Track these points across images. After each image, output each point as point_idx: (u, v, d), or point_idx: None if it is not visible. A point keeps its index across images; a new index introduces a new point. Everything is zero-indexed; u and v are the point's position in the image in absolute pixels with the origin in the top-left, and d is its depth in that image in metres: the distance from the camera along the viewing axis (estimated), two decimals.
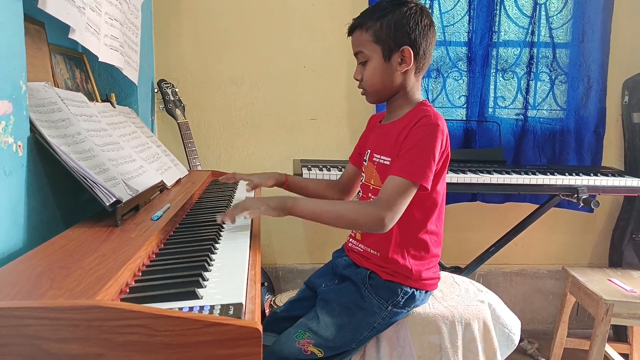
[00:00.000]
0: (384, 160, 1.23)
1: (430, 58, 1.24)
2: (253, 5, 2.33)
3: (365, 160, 1.32)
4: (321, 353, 1.19)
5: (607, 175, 2.10)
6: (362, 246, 1.27)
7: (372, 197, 1.26)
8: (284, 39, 2.36)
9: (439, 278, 1.30)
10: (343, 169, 1.64)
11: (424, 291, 1.24)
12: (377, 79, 1.21)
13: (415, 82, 1.23)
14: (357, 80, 1.25)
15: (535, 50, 2.41)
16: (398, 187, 1.10)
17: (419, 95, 1.25)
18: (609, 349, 2.06)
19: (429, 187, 1.13)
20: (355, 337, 1.20)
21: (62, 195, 1.09)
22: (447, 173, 1.98)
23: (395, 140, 1.19)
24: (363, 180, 1.32)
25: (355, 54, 1.24)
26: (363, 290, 1.22)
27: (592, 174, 2.10)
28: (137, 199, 1.13)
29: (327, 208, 1.15)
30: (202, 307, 0.69)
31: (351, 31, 1.23)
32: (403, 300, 1.21)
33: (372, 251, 1.24)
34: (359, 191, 1.34)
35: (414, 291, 1.21)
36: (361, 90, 1.27)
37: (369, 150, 1.30)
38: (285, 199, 1.14)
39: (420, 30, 1.17)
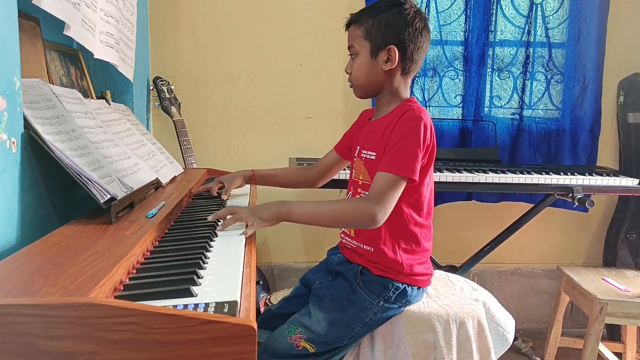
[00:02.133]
0: (370, 155, 1.26)
1: (419, 62, 1.25)
2: (250, 3, 2.32)
3: (354, 157, 1.34)
4: (313, 348, 1.19)
5: (602, 175, 2.11)
6: (355, 242, 1.28)
7: (362, 191, 1.28)
8: (281, 37, 2.36)
9: (431, 274, 1.31)
10: None
11: (416, 287, 1.25)
12: (363, 74, 1.24)
13: (402, 82, 1.26)
14: (347, 73, 1.29)
15: (531, 49, 2.42)
16: (387, 182, 1.13)
17: (406, 94, 1.28)
18: (603, 347, 2.07)
19: (417, 179, 1.15)
20: (347, 332, 1.21)
21: (57, 192, 1.09)
22: (443, 172, 2.01)
23: (381, 136, 1.22)
24: (353, 177, 1.33)
25: (348, 48, 1.27)
26: (355, 285, 1.23)
27: (587, 174, 2.10)
28: (132, 196, 1.13)
29: (322, 211, 1.16)
30: (196, 305, 0.69)
31: (347, 26, 1.27)
32: (394, 296, 1.21)
33: (365, 247, 1.25)
34: (350, 187, 1.35)
35: (405, 287, 1.22)
36: (349, 84, 1.30)
37: (358, 147, 1.33)
38: (278, 207, 1.15)
39: (411, 32, 1.19)
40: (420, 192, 1.23)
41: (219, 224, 1.13)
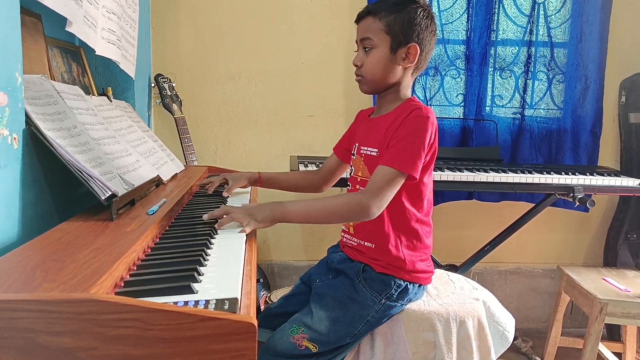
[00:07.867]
0: (371, 151, 1.26)
1: (427, 62, 1.28)
2: (251, 1, 2.32)
3: (353, 154, 1.34)
4: (315, 348, 1.19)
5: (603, 175, 2.11)
6: (356, 240, 1.28)
7: (360, 188, 1.27)
8: (283, 35, 2.36)
9: (432, 272, 1.31)
10: None
11: (417, 285, 1.25)
12: (380, 68, 1.22)
13: (409, 81, 1.28)
14: (356, 66, 1.25)
15: (533, 49, 2.41)
16: (386, 176, 1.14)
17: (408, 93, 1.29)
18: (603, 347, 2.07)
19: (418, 177, 1.16)
20: (350, 331, 1.21)
21: (58, 189, 1.09)
22: (444, 171, 2.01)
23: (384, 133, 1.21)
24: (352, 174, 1.33)
25: (361, 40, 1.24)
26: (357, 283, 1.23)
27: (588, 174, 2.10)
28: (132, 193, 1.13)
29: (317, 207, 1.17)
30: (197, 302, 0.69)
31: (362, 17, 1.24)
32: (396, 293, 1.21)
33: (366, 244, 1.26)
34: (348, 185, 1.35)
35: (407, 284, 1.22)
36: (357, 77, 1.26)
37: (356, 144, 1.32)
38: (273, 208, 1.13)
39: (428, 33, 1.22)
40: (421, 190, 1.23)
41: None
